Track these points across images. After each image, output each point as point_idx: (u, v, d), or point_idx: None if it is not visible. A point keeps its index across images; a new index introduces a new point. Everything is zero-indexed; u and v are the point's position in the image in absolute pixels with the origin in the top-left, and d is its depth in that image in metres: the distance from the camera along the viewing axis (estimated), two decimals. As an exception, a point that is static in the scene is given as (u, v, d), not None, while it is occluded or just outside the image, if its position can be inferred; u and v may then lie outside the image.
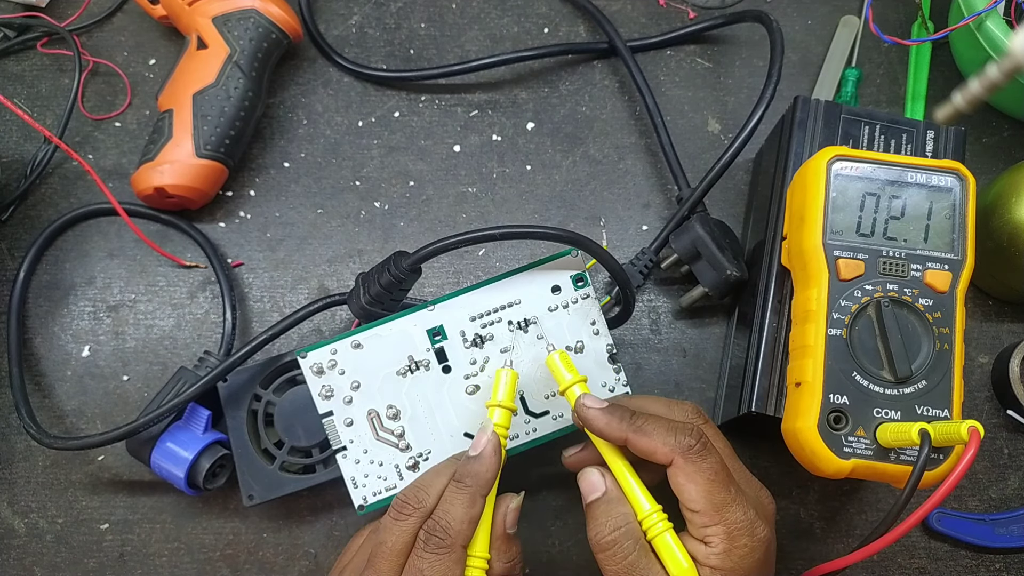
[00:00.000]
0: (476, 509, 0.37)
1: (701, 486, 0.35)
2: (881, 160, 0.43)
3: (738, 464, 0.40)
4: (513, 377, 0.41)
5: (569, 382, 0.40)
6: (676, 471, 0.36)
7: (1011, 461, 0.52)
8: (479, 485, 0.37)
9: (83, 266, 0.53)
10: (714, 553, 0.35)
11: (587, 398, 0.39)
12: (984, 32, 0.50)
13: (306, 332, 0.52)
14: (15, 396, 0.49)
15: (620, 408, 0.38)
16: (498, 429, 0.39)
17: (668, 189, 0.56)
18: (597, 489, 0.38)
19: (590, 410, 0.38)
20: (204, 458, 0.46)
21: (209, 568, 0.49)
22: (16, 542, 0.49)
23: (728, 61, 0.59)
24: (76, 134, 0.56)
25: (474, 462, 0.38)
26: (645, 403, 0.41)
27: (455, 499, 0.37)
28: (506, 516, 0.39)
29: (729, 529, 0.35)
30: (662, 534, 0.36)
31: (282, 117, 0.57)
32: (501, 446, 0.39)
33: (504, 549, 0.39)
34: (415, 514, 0.38)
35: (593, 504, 0.38)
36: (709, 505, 0.35)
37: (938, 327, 0.40)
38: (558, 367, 0.41)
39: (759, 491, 0.39)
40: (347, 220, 0.55)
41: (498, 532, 0.39)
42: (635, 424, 0.37)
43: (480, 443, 0.39)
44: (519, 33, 0.59)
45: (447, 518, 0.37)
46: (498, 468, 0.38)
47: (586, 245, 0.43)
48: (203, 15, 0.53)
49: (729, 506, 0.35)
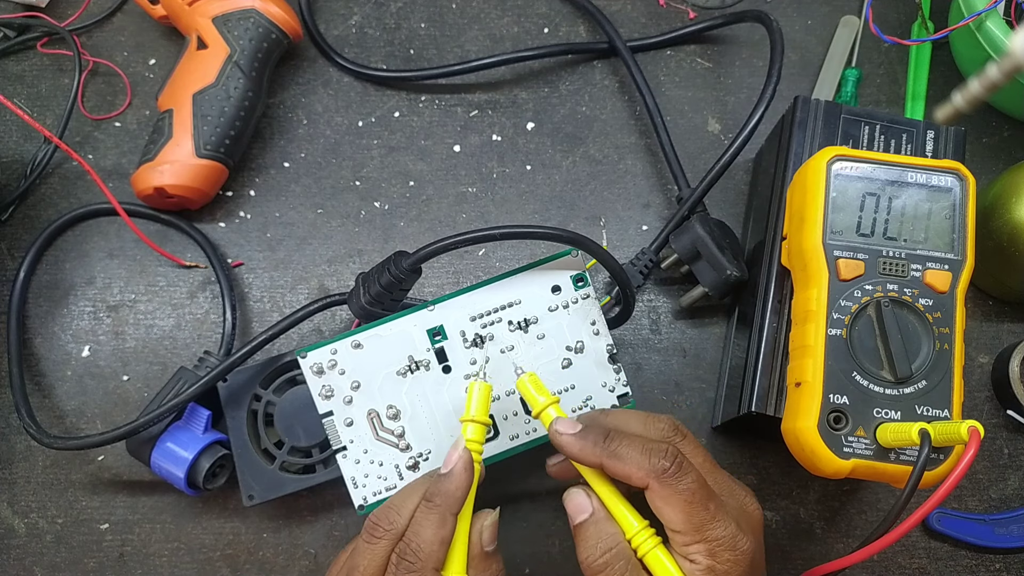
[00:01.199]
0: (446, 530, 0.36)
1: (679, 508, 0.35)
2: (881, 160, 0.43)
3: (719, 474, 0.39)
4: (486, 390, 0.40)
5: (543, 405, 0.39)
6: (653, 495, 0.36)
7: (1011, 461, 0.52)
8: (448, 504, 0.37)
9: (83, 266, 0.53)
10: (698, 570, 0.35)
11: (560, 423, 0.38)
12: (984, 32, 0.50)
13: (306, 332, 0.53)
14: (15, 396, 0.49)
15: (594, 432, 0.37)
16: (471, 445, 0.38)
17: (668, 189, 0.56)
18: (584, 510, 0.38)
19: (563, 436, 0.38)
20: (204, 458, 0.46)
21: (209, 568, 0.49)
22: (16, 542, 0.49)
23: (728, 61, 0.59)
24: (76, 134, 0.56)
25: (444, 480, 0.37)
26: (621, 420, 0.40)
27: (425, 520, 0.37)
28: (482, 534, 0.38)
29: (711, 547, 0.35)
30: (652, 550, 0.36)
31: (282, 117, 0.57)
32: (474, 462, 0.38)
33: (483, 568, 0.38)
34: (386, 536, 0.37)
35: (581, 526, 0.37)
36: (689, 525, 0.35)
37: (938, 327, 0.40)
38: (529, 390, 0.40)
39: (743, 499, 0.39)
40: (347, 220, 0.55)
41: (475, 551, 0.38)
42: (609, 448, 0.37)
43: (451, 460, 0.37)
44: (519, 33, 0.59)
45: (417, 540, 0.36)
46: (469, 485, 0.37)
47: (586, 245, 0.43)
48: (203, 15, 0.53)
49: (709, 524, 0.35)
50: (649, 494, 0.36)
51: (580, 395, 0.45)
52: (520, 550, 0.50)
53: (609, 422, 0.39)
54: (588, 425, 0.38)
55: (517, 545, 0.50)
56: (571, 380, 0.44)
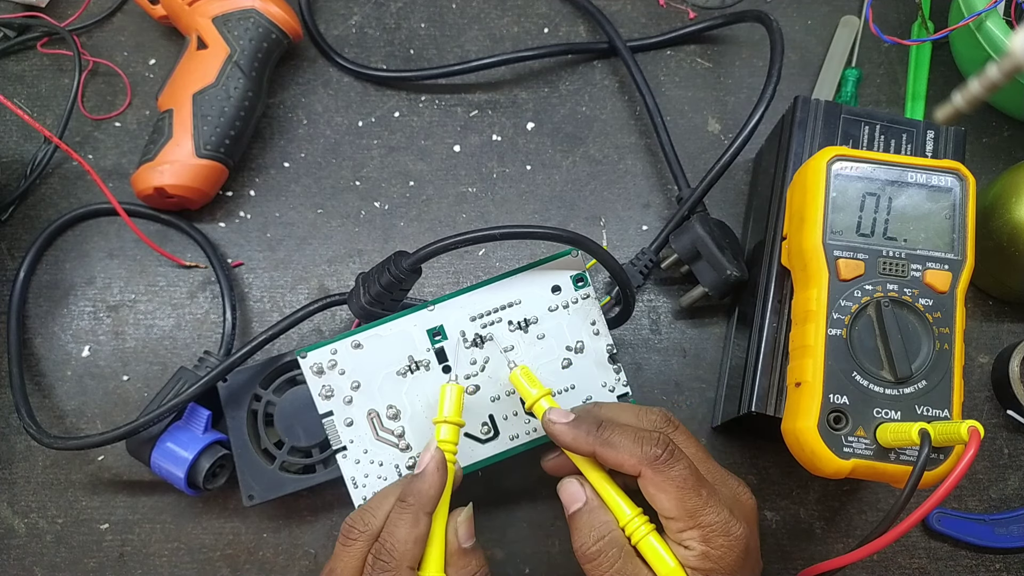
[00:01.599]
0: (420, 528, 0.37)
1: (672, 494, 0.36)
2: (881, 160, 0.43)
3: (711, 464, 0.40)
4: (459, 392, 0.40)
5: (535, 396, 0.40)
6: (645, 482, 0.36)
7: (1011, 461, 0.52)
8: (421, 503, 0.37)
9: (83, 266, 0.53)
10: (693, 556, 0.36)
11: (553, 412, 0.39)
12: (984, 32, 0.50)
13: (306, 332, 0.53)
14: (15, 396, 0.49)
15: (586, 421, 0.38)
16: (443, 445, 0.39)
17: (668, 189, 0.56)
18: (578, 499, 0.38)
19: (556, 425, 0.38)
20: (204, 458, 0.46)
21: (209, 568, 0.49)
22: (16, 542, 0.49)
23: (728, 61, 0.59)
24: (76, 134, 0.56)
25: (417, 480, 0.38)
26: (614, 412, 0.41)
27: (399, 519, 0.37)
28: (457, 530, 0.39)
29: (704, 532, 0.35)
30: (646, 537, 0.37)
31: (282, 117, 0.57)
32: (447, 462, 0.38)
33: (462, 564, 0.38)
34: (361, 538, 0.38)
35: (576, 515, 0.38)
36: (682, 512, 0.36)
37: (938, 327, 0.40)
38: (522, 383, 0.41)
39: (736, 488, 0.39)
40: (347, 220, 0.55)
41: (452, 547, 0.38)
42: (601, 437, 0.37)
43: (424, 460, 0.38)
44: (519, 33, 0.59)
45: (391, 540, 0.37)
46: (443, 484, 0.38)
47: (586, 245, 0.43)
48: (203, 15, 0.53)
49: (702, 510, 0.36)
50: (642, 482, 0.36)
51: (580, 395, 0.45)
52: (520, 550, 0.50)
53: (602, 413, 0.40)
54: (581, 415, 0.39)
55: (517, 545, 0.50)
56: (571, 380, 0.44)
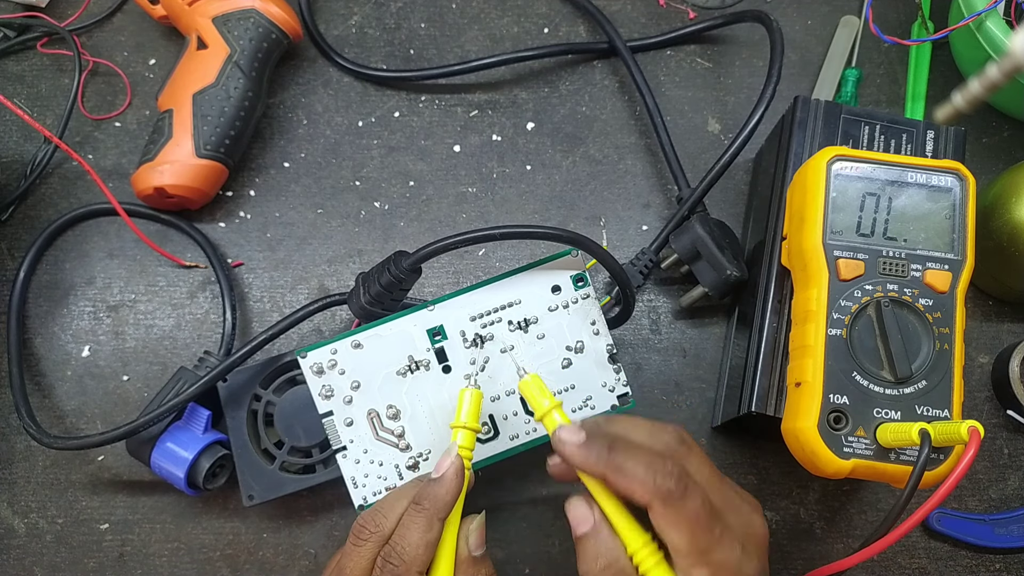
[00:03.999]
0: (433, 533, 0.36)
1: (683, 530, 0.34)
2: (881, 160, 0.43)
3: (725, 489, 0.38)
4: (476, 397, 0.40)
5: (546, 408, 0.39)
6: (656, 516, 0.35)
7: (1011, 461, 0.52)
8: (437, 508, 0.37)
9: (83, 266, 0.53)
10: None
11: (564, 431, 0.37)
12: (984, 32, 0.50)
13: (306, 332, 0.52)
14: (15, 396, 0.49)
15: (598, 442, 0.36)
16: (462, 451, 0.38)
17: (668, 189, 0.56)
18: (585, 522, 0.37)
19: (567, 446, 0.37)
20: (204, 458, 0.46)
21: (209, 568, 0.49)
22: (16, 542, 0.49)
23: (728, 61, 0.59)
24: (76, 134, 0.56)
25: (435, 485, 0.37)
26: (627, 428, 0.39)
27: (412, 523, 0.37)
28: (468, 538, 0.38)
29: (715, 571, 0.34)
30: (653, 569, 0.35)
31: (282, 117, 0.57)
32: (465, 468, 0.38)
33: (471, 573, 0.38)
34: (372, 539, 0.37)
35: (582, 538, 0.37)
36: (693, 548, 0.34)
37: (938, 327, 0.40)
38: (532, 392, 0.39)
39: (749, 515, 0.38)
40: (347, 220, 0.55)
41: (462, 555, 0.38)
42: (613, 462, 0.36)
43: (443, 465, 0.37)
44: (519, 33, 0.59)
45: (403, 543, 0.36)
46: (459, 491, 0.37)
47: (586, 245, 0.43)
48: (203, 15, 0.53)
49: (714, 548, 0.34)
50: (652, 515, 0.35)
51: (580, 395, 0.45)
52: (520, 550, 0.50)
53: (614, 430, 0.38)
54: (592, 434, 0.37)
55: (517, 545, 0.50)
56: (571, 380, 0.44)
